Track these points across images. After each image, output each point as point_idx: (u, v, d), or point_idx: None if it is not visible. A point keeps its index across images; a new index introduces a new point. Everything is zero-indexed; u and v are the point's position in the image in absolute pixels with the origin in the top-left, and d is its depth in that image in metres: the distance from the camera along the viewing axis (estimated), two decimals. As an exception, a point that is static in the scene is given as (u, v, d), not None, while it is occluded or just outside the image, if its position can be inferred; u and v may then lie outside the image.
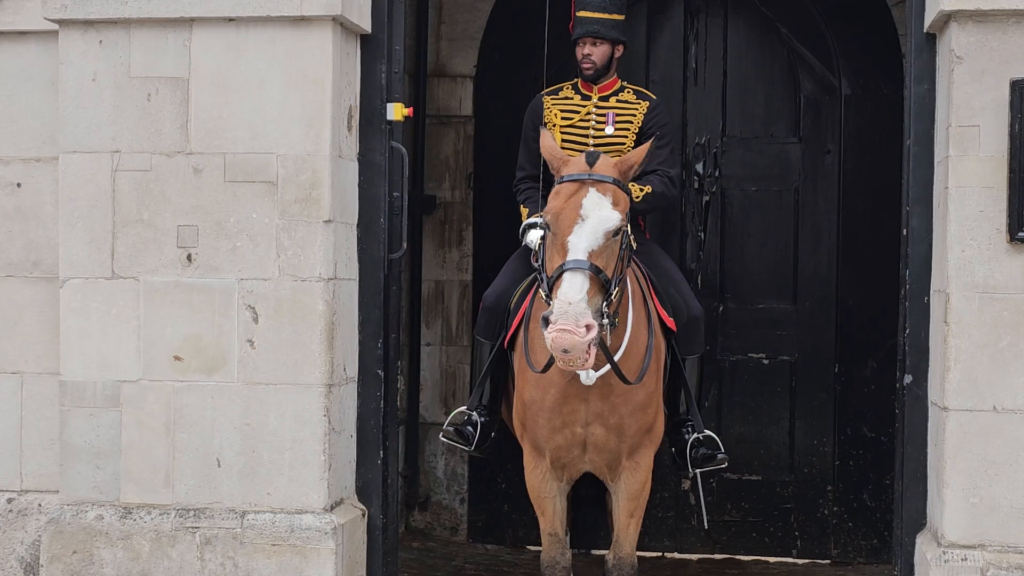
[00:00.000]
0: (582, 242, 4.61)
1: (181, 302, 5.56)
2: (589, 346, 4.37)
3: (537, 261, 4.96)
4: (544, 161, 5.22)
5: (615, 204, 4.70)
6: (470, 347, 7.92)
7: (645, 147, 5.06)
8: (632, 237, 5.01)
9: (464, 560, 7.84)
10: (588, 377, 4.82)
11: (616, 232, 4.68)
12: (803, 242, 7.95)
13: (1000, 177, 5.05)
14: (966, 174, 5.10)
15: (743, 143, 7.99)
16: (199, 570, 5.52)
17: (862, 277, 7.55)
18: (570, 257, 4.57)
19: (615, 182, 4.77)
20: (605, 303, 4.61)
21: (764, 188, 7.99)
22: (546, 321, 4.45)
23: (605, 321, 4.63)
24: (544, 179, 5.52)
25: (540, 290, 4.81)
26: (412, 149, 6.96)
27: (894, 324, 5.83)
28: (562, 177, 4.82)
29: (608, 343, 4.77)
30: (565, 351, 4.37)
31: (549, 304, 4.53)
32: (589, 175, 4.77)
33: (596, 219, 4.65)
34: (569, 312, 4.38)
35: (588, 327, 4.36)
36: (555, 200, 4.75)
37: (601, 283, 4.58)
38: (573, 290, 4.46)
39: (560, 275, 4.54)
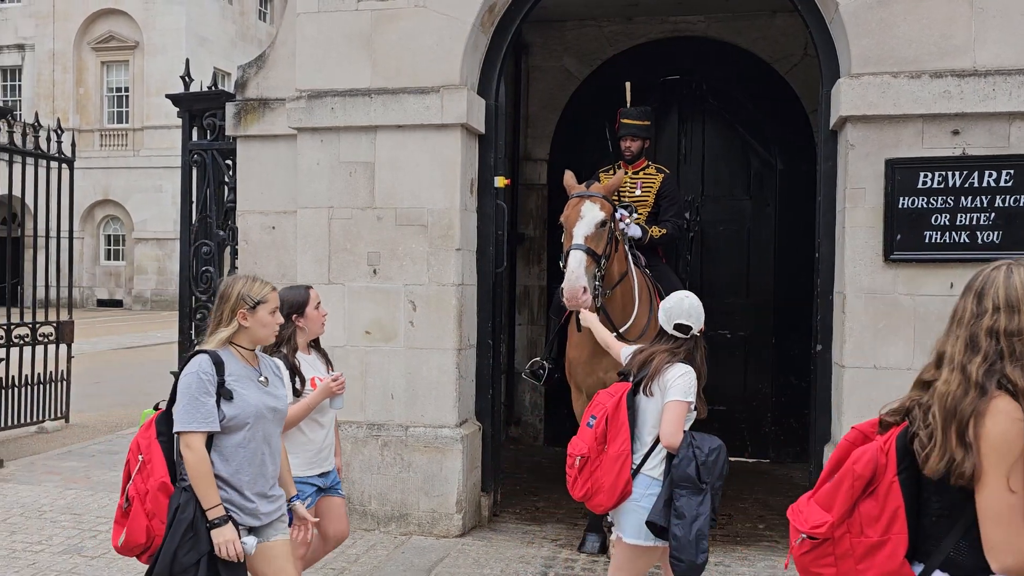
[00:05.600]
0: (581, 231, 4.66)
1: (369, 298, 5.63)
2: (581, 297, 4.47)
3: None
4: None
5: (601, 208, 4.74)
6: (545, 326, 7.93)
7: (619, 177, 5.06)
8: (619, 228, 5.03)
9: (541, 457, 7.86)
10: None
11: (603, 224, 4.71)
12: (752, 261, 7.86)
13: (878, 220, 4.93)
14: (856, 219, 4.99)
15: (715, 200, 7.92)
16: (380, 462, 5.59)
17: (791, 283, 7.43)
18: (574, 242, 4.63)
19: (602, 196, 4.81)
20: (597, 270, 4.67)
21: (728, 228, 7.92)
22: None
23: (597, 282, 4.69)
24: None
25: (560, 261, 4.85)
26: (510, 204, 6.95)
27: (811, 312, 5.72)
28: (572, 194, 4.89)
29: (602, 301, 4.82)
30: (569, 300, 4.49)
31: (564, 269, 4.61)
32: (587, 193, 4.83)
33: (589, 217, 4.69)
34: (571, 278, 4.48)
35: (584, 289, 4.47)
36: (567, 210, 4.83)
37: (593, 258, 4.61)
38: (574, 263, 4.53)
39: (568, 253, 4.60)
